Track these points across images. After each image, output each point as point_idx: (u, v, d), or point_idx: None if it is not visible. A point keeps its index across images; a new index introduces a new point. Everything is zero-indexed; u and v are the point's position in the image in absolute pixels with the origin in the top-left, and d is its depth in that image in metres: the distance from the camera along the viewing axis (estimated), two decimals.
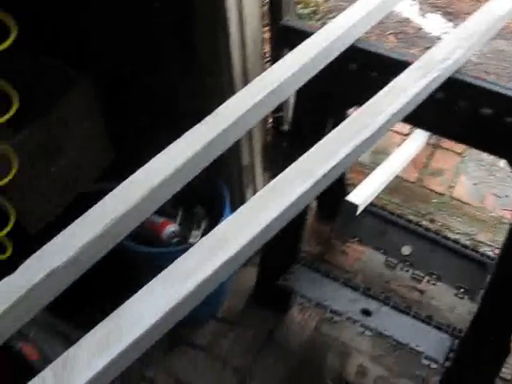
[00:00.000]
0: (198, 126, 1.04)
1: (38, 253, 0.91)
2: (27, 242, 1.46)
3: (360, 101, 1.15)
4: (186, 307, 0.84)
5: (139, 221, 0.98)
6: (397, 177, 2.36)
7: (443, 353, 1.64)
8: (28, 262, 0.92)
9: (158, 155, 1.02)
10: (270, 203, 0.92)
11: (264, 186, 0.98)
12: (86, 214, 0.96)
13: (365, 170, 2.35)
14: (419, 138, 2.44)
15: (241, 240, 0.87)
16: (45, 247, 0.91)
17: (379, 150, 2.52)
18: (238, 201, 1.87)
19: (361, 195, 1.92)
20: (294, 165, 1.01)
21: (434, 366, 1.62)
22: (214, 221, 1.77)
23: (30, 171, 1.57)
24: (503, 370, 1.87)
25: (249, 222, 0.90)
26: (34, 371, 0.84)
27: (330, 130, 1.18)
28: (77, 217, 0.96)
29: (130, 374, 0.85)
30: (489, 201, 2.40)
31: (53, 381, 0.79)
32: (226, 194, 1.77)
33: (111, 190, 0.97)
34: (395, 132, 2.57)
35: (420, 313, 1.74)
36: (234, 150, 1.70)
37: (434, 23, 3.34)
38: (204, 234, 1.75)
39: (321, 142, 1.04)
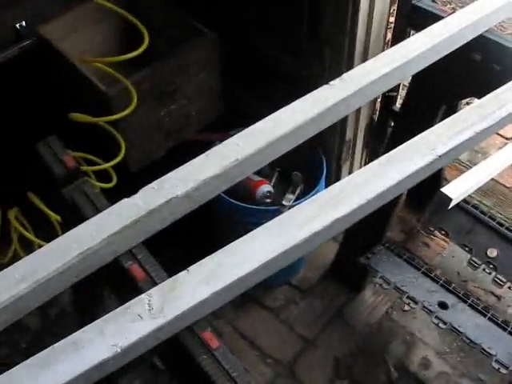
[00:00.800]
0: (323, 87, 1.06)
1: (159, 180, 0.96)
2: (129, 178, 1.54)
3: (477, 92, 1.14)
4: (292, 255, 0.88)
5: (255, 168, 1.01)
6: (492, 179, 2.31)
7: None
8: (147, 187, 0.97)
9: (282, 110, 1.05)
10: (386, 172, 0.94)
11: (362, 163, 1.00)
12: (205, 154, 1.01)
13: (460, 167, 2.32)
14: None
15: (354, 201, 0.90)
16: (167, 176, 0.96)
17: (478, 149, 2.47)
18: (334, 173, 1.88)
19: (456, 189, 1.89)
20: (412, 141, 1.02)
21: (503, 371, 1.60)
22: (309, 188, 1.79)
23: (141, 111, 1.64)
24: None
25: (363, 186, 0.92)
26: (139, 290, 0.90)
27: (441, 117, 1.18)
28: (178, 162, 1.00)
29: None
30: None
31: (159, 299, 0.85)
32: (324, 164, 1.79)
33: (216, 143, 1.00)
34: (497, 134, 2.51)
35: (498, 316, 1.71)
36: (340, 123, 1.71)
37: None
38: (297, 199, 1.78)
39: (441, 123, 1.05)
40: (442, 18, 1.32)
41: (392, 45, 1.53)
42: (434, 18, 1.35)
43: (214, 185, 0.96)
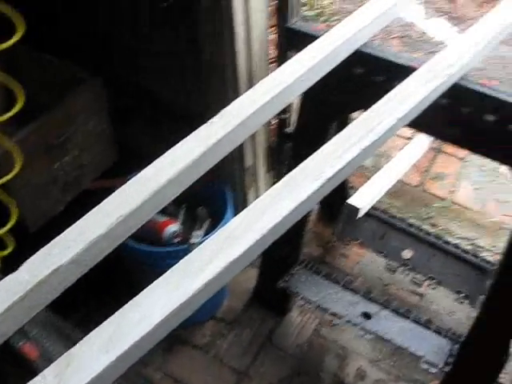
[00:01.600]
0: (204, 126, 1.04)
1: (42, 250, 0.90)
2: (28, 239, 1.47)
3: (365, 105, 1.15)
4: (192, 306, 0.85)
5: (144, 220, 0.97)
6: (399, 181, 2.37)
7: (443, 357, 1.64)
8: (32, 258, 0.92)
9: (165, 154, 1.02)
10: (278, 202, 0.92)
11: (267, 187, 0.98)
12: (92, 212, 0.96)
13: (366, 173, 2.36)
14: (422, 142, 2.44)
15: (250, 238, 0.87)
16: (49, 245, 0.91)
17: (381, 153, 2.52)
18: (241, 202, 1.87)
19: (362, 198, 1.92)
20: (302, 165, 1.01)
21: (433, 370, 1.62)
22: (216, 222, 1.77)
23: (32, 168, 1.57)
24: (501, 375, 1.88)
25: (257, 221, 0.90)
26: (34, 371, 0.84)
27: (333, 134, 1.18)
28: (78, 215, 0.96)
29: (128, 372, 0.85)
30: (490, 206, 2.40)
31: (55, 380, 0.79)
32: (229, 195, 1.77)
33: (114, 188, 0.97)
34: (397, 136, 2.57)
35: (420, 317, 1.74)
36: (237, 151, 1.70)
37: (438, 28, 3.34)
38: (206, 234, 1.75)
39: (329, 143, 1.05)
40: (317, 37, 1.33)
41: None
42: (310, 38, 1.36)
43: (102, 246, 0.91)
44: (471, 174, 2.51)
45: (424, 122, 1.29)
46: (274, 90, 1.15)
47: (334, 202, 2.00)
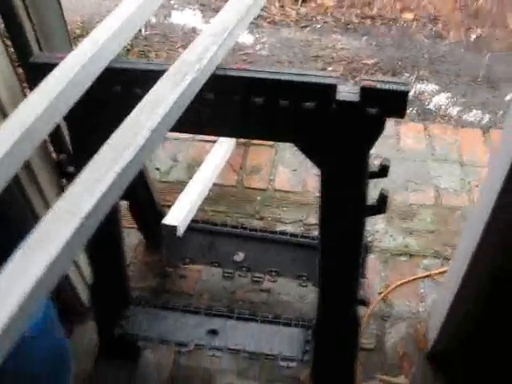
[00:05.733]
0: None
1: None
2: None
3: None
4: None
5: None
6: (216, 184, 2.32)
7: (299, 348, 1.60)
8: None
9: None
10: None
11: None
12: None
13: (182, 187, 2.28)
14: (228, 140, 2.40)
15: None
16: None
17: (192, 163, 2.47)
18: None
19: (178, 215, 1.84)
20: (55, 207, 0.89)
21: (292, 364, 1.57)
22: None
23: None
24: (364, 341, 1.89)
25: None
26: None
27: None
28: None
29: None
30: (310, 183, 2.43)
31: None
32: None
33: None
34: (203, 141, 2.53)
35: (266, 315, 1.69)
36: (24, 203, 1.54)
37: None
38: None
39: (76, 180, 0.94)
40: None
41: None
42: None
43: None
44: (285, 158, 2.52)
45: (196, 123, 1.24)
46: (11, 138, 1.03)
47: (151, 226, 1.90)
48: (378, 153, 1.22)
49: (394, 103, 1.13)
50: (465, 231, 1.69)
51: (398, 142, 2.63)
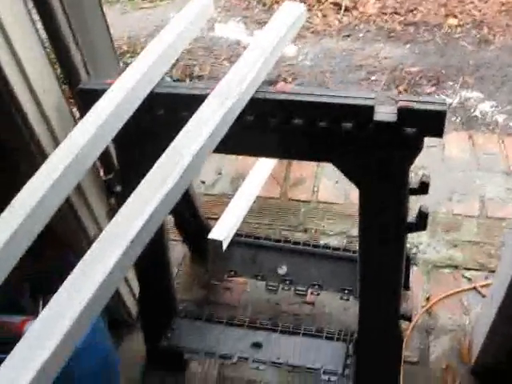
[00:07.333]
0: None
1: None
2: None
3: None
4: None
5: None
6: (260, 197, 2.35)
7: (340, 361, 1.62)
8: None
9: None
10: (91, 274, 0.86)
11: None
12: None
13: (227, 200, 2.32)
14: None
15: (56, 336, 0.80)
16: None
17: (236, 175, 2.51)
18: None
19: (223, 229, 1.88)
20: (107, 229, 0.95)
21: (333, 378, 1.59)
22: None
23: None
24: (407, 353, 1.88)
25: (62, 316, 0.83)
26: None
27: None
28: None
29: None
30: (353, 195, 2.43)
31: None
32: None
33: None
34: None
35: (310, 328, 1.71)
36: (75, 222, 1.61)
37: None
38: None
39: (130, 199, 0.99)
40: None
41: None
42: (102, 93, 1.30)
43: None
44: (328, 170, 2.54)
45: (239, 145, 1.27)
46: (64, 162, 1.09)
47: (196, 239, 1.95)
48: (421, 163, 1.22)
49: (431, 123, 1.14)
50: (507, 244, 1.68)
51: (442, 152, 2.60)
